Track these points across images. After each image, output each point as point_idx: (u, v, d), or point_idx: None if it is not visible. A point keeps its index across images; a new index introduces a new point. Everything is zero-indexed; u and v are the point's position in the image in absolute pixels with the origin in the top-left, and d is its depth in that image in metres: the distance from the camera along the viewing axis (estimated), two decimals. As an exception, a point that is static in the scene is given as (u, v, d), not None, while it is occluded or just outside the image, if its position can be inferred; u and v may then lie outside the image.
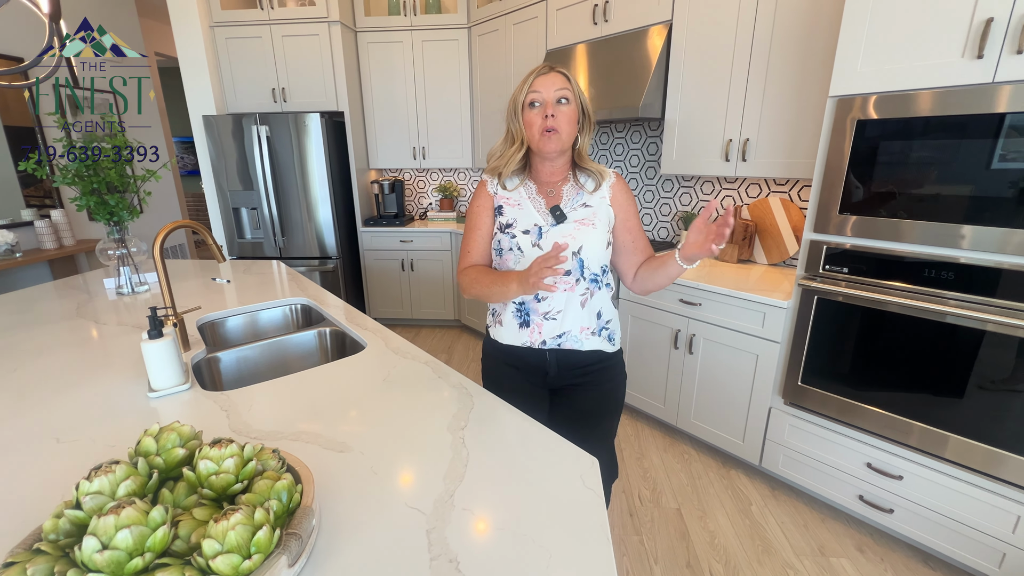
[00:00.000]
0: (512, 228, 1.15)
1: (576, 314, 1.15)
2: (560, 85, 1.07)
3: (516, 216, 1.15)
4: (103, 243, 1.85)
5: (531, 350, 1.18)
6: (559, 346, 1.16)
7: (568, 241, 1.10)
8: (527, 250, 1.13)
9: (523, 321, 1.17)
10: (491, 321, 1.26)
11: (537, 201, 1.16)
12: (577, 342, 1.16)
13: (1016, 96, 1.25)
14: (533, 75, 1.08)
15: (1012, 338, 1.35)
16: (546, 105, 1.06)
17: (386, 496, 0.74)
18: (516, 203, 1.16)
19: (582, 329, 1.16)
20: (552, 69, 1.08)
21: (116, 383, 1.14)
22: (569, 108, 1.08)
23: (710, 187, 2.55)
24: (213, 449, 0.63)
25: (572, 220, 1.13)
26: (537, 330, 1.16)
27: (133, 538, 0.50)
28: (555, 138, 1.07)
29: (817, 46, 1.79)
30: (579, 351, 1.17)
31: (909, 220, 1.48)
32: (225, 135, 3.26)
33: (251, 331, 1.73)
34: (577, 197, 1.15)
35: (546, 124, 1.06)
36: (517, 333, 1.18)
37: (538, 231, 1.13)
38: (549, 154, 1.11)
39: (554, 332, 1.15)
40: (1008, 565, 1.44)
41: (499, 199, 1.18)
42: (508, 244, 1.14)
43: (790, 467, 1.91)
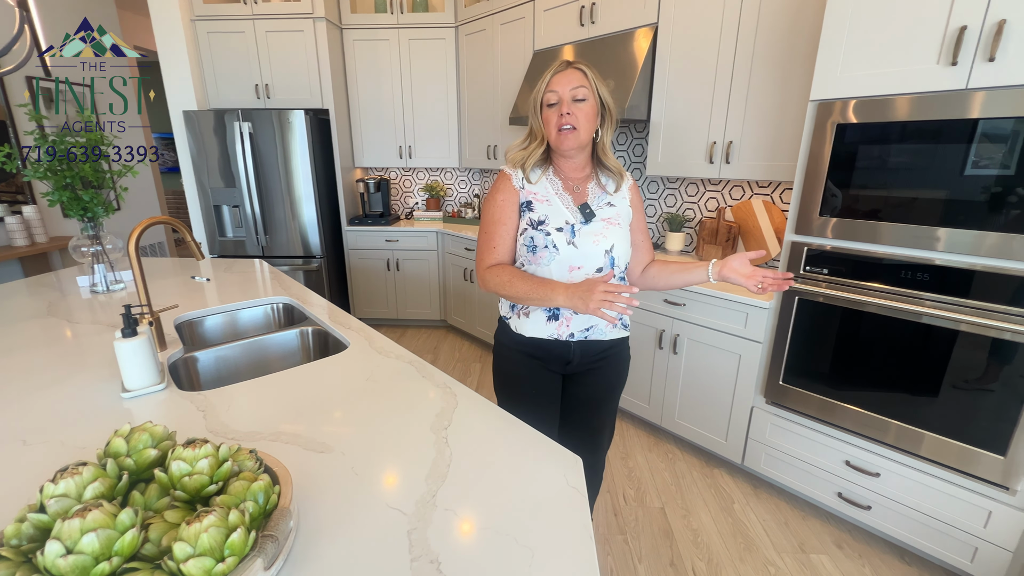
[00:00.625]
0: (545, 225, 1.14)
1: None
2: (577, 83, 1.08)
3: (547, 213, 1.15)
4: (76, 240, 1.80)
5: (557, 342, 1.19)
6: (586, 338, 1.19)
7: (599, 239, 1.13)
8: (563, 248, 1.13)
9: (552, 314, 1.18)
10: (510, 313, 1.24)
11: (564, 198, 1.17)
12: (602, 333, 1.20)
13: (988, 102, 1.29)
14: (551, 72, 1.10)
15: (984, 338, 1.39)
16: (562, 103, 1.08)
17: (367, 497, 0.73)
18: (544, 199, 1.16)
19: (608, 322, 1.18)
20: (570, 65, 1.09)
21: (88, 383, 1.10)
22: (586, 105, 1.09)
23: (695, 189, 2.58)
24: (187, 450, 0.61)
25: (600, 218, 1.15)
26: (566, 324, 1.18)
27: (100, 542, 0.48)
28: (572, 136, 1.09)
29: (798, 51, 1.82)
30: (603, 341, 1.21)
31: (887, 223, 1.51)
32: (207, 131, 3.20)
33: (231, 330, 1.69)
34: (602, 196, 1.18)
35: (561, 122, 1.08)
36: (544, 325, 1.18)
37: (571, 229, 1.14)
38: (567, 151, 1.13)
39: (583, 325, 1.18)
40: (980, 559, 1.48)
41: (526, 194, 1.16)
42: (543, 241, 1.13)
43: (772, 465, 1.94)
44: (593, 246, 1.13)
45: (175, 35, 3.14)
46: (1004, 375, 1.37)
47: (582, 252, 1.13)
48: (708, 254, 2.39)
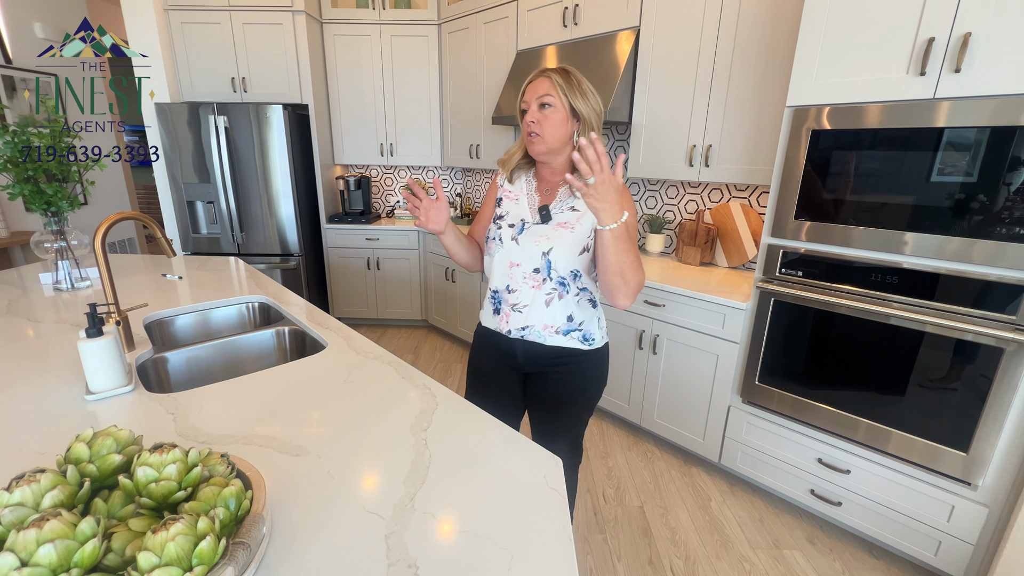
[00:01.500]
0: (502, 220, 1.22)
1: (540, 311, 1.17)
2: (543, 91, 1.10)
3: (510, 209, 1.22)
4: (39, 235, 1.73)
5: (502, 336, 1.23)
6: (523, 337, 1.20)
7: (541, 240, 1.14)
8: (506, 242, 1.18)
9: (496, 308, 1.23)
10: (481, 303, 1.33)
11: (533, 198, 1.22)
12: (540, 336, 1.19)
13: (954, 112, 1.34)
14: (525, 83, 1.15)
15: (947, 339, 1.44)
16: (529, 111, 1.12)
17: (343, 501, 0.72)
18: (515, 197, 1.23)
19: (546, 327, 1.18)
20: (543, 74, 1.12)
21: (50, 385, 1.05)
22: (552, 112, 1.10)
23: (675, 191, 2.61)
24: (154, 455, 0.59)
25: (556, 222, 1.15)
26: (505, 319, 1.21)
27: (57, 553, 0.46)
28: (538, 141, 1.12)
29: (776, 58, 1.86)
30: (543, 344, 1.20)
31: (858, 227, 1.56)
32: (180, 125, 3.10)
33: (203, 330, 1.64)
34: (567, 200, 1.17)
35: (528, 129, 1.12)
36: (492, 318, 1.25)
37: (521, 226, 1.18)
38: (536, 156, 1.16)
39: (519, 324, 1.20)
40: (943, 552, 1.53)
41: (502, 192, 1.26)
42: (493, 234, 1.21)
43: (747, 464, 1.97)
44: (533, 246, 1.14)
45: (147, 25, 3.04)
46: (966, 375, 1.43)
47: (522, 250, 1.15)
48: (687, 256, 2.42)
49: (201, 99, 3.22)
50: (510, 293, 1.19)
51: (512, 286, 1.18)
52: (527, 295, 1.16)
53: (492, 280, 1.23)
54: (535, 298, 1.16)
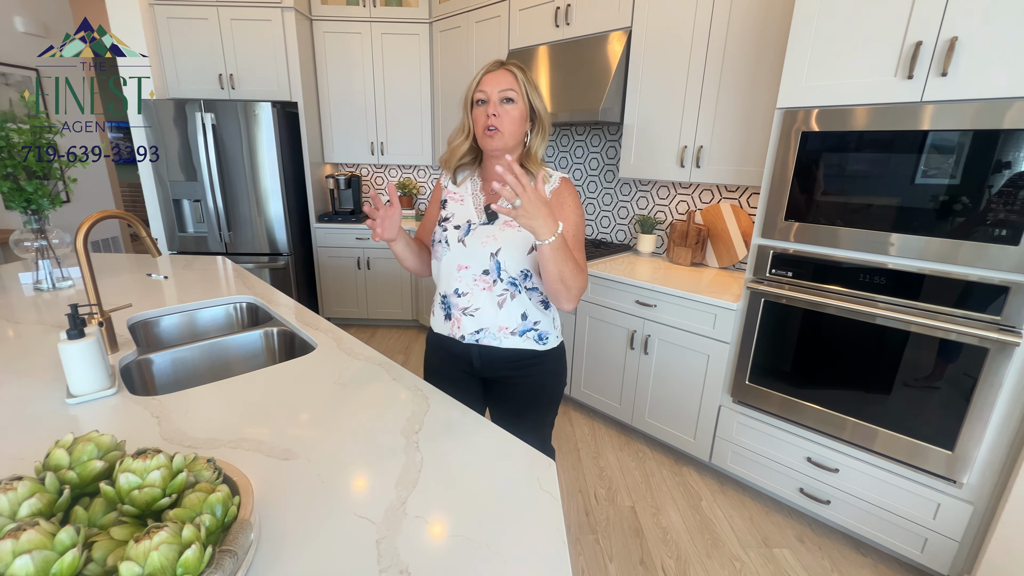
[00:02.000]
0: (447, 222, 1.18)
1: (493, 313, 1.14)
2: (506, 85, 1.06)
3: (455, 211, 1.18)
4: (19, 234, 1.68)
5: (456, 341, 1.19)
6: (477, 341, 1.17)
7: (488, 241, 1.11)
8: (453, 245, 1.15)
9: (447, 314, 1.20)
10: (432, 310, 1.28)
11: (478, 198, 1.18)
12: (495, 339, 1.16)
13: (939, 115, 1.36)
14: (483, 71, 1.08)
15: (931, 338, 1.46)
16: (490, 103, 1.06)
17: (334, 505, 0.70)
18: (460, 198, 1.19)
19: (500, 328, 1.16)
20: (502, 66, 1.07)
21: (30, 388, 1.03)
22: (514, 108, 1.07)
23: (666, 192, 2.62)
24: (137, 461, 0.57)
25: (501, 221, 1.12)
26: (457, 324, 1.18)
27: (35, 564, 0.44)
28: (497, 136, 1.07)
29: (767, 60, 1.87)
30: (499, 348, 1.17)
31: (845, 228, 1.57)
32: (166, 121, 3.05)
33: (190, 331, 1.61)
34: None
35: (488, 123, 1.07)
36: (443, 324, 1.21)
37: (467, 228, 1.15)
38: (492, 151, 1.11)
39: (472, 328, 1.17)
40: (929, 549, 1.55)
41: (446, 193, 1.21)
42: (439, 236, 1.17)
43: (738, 463, 1.99)
44: (480, 247, 1.11)
45: (132, 20, 2.98)
46: (950, 374, 1.45)
47: (470, 252, 1.12)
48: (678, 256, 2.44)
49: (187, 96, 3.16)
50: (460, 297, 1.15)
51: (461, 289, 1.14)
52: (478, 298, 1.14)
53: (440, 284, 1.20)
54: (486, 300, 1.13)
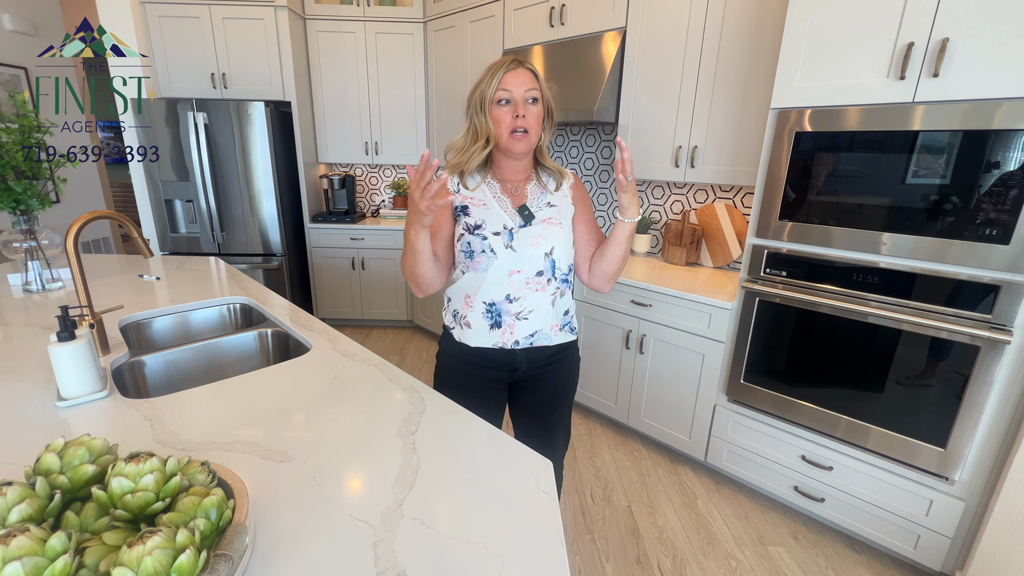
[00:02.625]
0: (482, 230, 1.10)
1: (547, 313, 1.15)
2: (530, 84, 1.05)
3: (484, 217, 1.11)
4: (7, 235, 1.66)
5: (500, 350, 1.16)
6: (531, 345, 1.16)
7: (539, 242, 1.11)
8: (500, 251, 1.09)
9: (494, 322, 1.14)
10: (453, 323, 1.20)
11: (503, 200, 1.13)
12: (547, 339, 1.17)
13: (931, 116, 1.37)
14: (503, 69, 1.04)
15: (923, 337, 1.47)
16: (516, 104, 1.04)
17: (329, 508, 0.70)
18: (481, 203, 1.13)
19: (552, 327, 1.17)
20: (521, 65, 1.06)
21: (19, 391, 1.01)
22: (538, 108, 1.07)
23: (661, 191, 2.63)
24: (129, 465, 0.57)
25: (539, 220, 1.12)
26: (509, 331, 1.14)
27: (25, 571, 0.44)
28: (525, 139, 1.06)
29: (761, 60, 1.88)
30: (548, 346, 1.18)
31: (838, 227, 1.59)
32: (158, 121, 3.02)
33: (182, 333, 1.60)
34: (542, 196, 1.15)
35: (516, 124, 1.04)
36: (488, 335, 1.14)
37: (509, 233, 1.11)
38: (517, 154, 1.09)
39: (526, 332, 1.15)
40: (922, 546, 1.57)
41: (462, 199, 1.13)
42: (480, 246, 1.10)
43: (733, 461, 2.00)
44: (532, 249, 1.10)
45: (122, 18, 2.94)
46: (942, 372, 1.46)
47: (521, 256, 1.10)
48: (673, 256, 2.44)
49: (179, 95, 3.13)
50: (512, 303, 1.12)
51: (513, 294, 1.11)
52: (532, 300, 1.13)
53: (483, 294, 1.12)
54: (540, 301, 1.14)
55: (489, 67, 1.07)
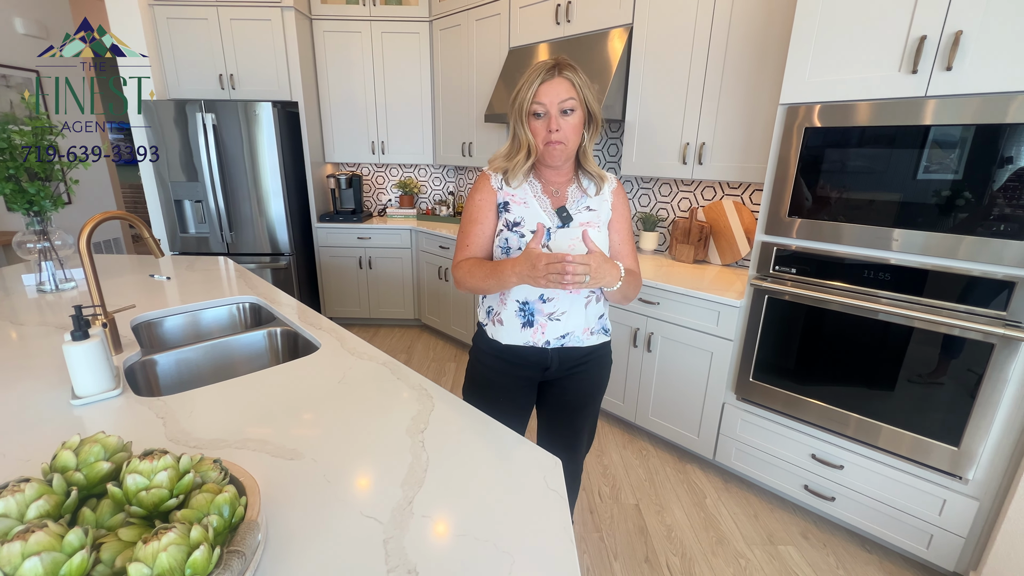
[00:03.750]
0: (520, 227, 1.12)
1: (579, 316, 1.15)
2: (565, 95, 1.03)
3: (523, 215, 1.12)
4: (21, 235, 1.68)
5: (532, 348, 1.17)
6: (562, 345, 1.17)
7: (576, 244, 1.11)
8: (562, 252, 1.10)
9: (527, 321, 1.15)
10: (486, 319, 1.22)
11: (543, 200, 1.14)
12: (579, 341, 1.17)
13: (944, 110, 1.35)
14: (538, 79, 1.02)
15: (935, 334, 1.45)
16: (550, 118, 1.03)
17: (340, 505, 0.70)
18: (522, 200, 1.14)
19: (584, 330, 1.17)
20: (559, 73, 1.03)
21: (35, 390, 1.03)
22: (574, 117, 1.05)
23: (668, 189, 2.62)
24: (144, 462, 0.57)
25: (578, 223, 1.13)
26: (541, 330, 1.15)
27: (44, 566, 0.44)
28: (560, 149, 1.06)
29: (769, 55, 1.87)
30: (580, 347, 1.18)
31: (848, 223, 1.57)
32: (167, 122, 3.05)
33: (193, 332, 1.61)
34: (581, 200, 1.15)
35: (550, 137, 1.04)
36: (519, 332, 1.16)
37: (547, 232, 1.11)
38: (553, 164, 1.10)
39: (558, 332, 1.15)
40: (935, 545, 1.55)
41: (504, 195, 1.14)
42: (517, 243, 1.12)
43: (742, 460, 1.98)
44: (568, 250, 1.10)
45: (131, 20, 2.98)
46: (955, 370, 1.44)
47: None
48: (681, 253, 2.43)
49: (188, 96, 3.16)
50: (545, 303, 1.13)
51: (547, 295, 1.12)
52: (566, 301, 1.13)
53: (517, 292, 1.13)
54: (574, 303, 1.14)
55: (527, 73, 1.05)
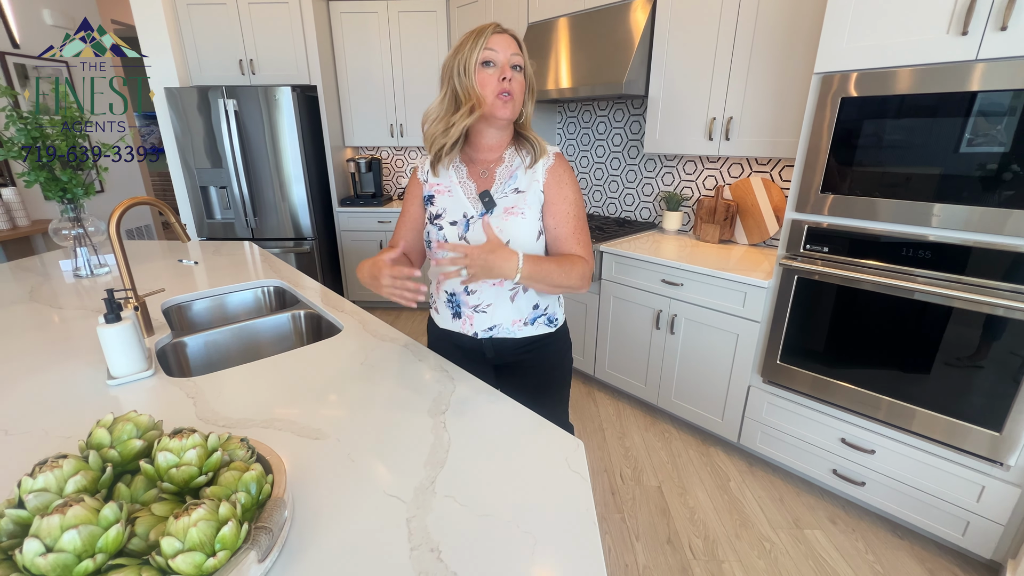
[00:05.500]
0: (440, 219, 1.08)
1: (506, 308, 1.11)
2: (514, 50, 1.00)
3: (446, 205, 1.09)
4: (57, 222, 1.74)
5: (466, 336, 1.15)
6: (491, 336, 1.14)
7: (501, 230, 1.04)
8: (453, 242, 1.06)
9: (455, 312, 1.14)
10: (431, 303, 1.24)
11: (468, 186, 1.08)
12: (509, 332, 1.13)
13: (995, 74, 1.25)
14: (488, 32, 0.98)
15: (976, 314, 1.38)
16: (503, 67, 0.98)
17: (364, 484, 0.71)
18: (446, 189, 1.09)
19: (514, 322, 1.13)
20: (504, 31, 1.00)
21: (74, 371, 1.07)
22: (521, 76, 1.02)
23: (693, 167, 2.53)
24: (174, 440, 0.59)
25: (501, 208, 1.05)
26: (468, 321, 1.13)
27: (81, 539, 0.46)
28: (510, 104, 1.00)
29: (803, 23, 1.76)
30: (513, 338, 1.15)
31: (884, 199, 1.49)
32: (190, 109, 3.09)
33: (220, 315, 1.65)
34: (509, 181, 1.07)
35: (502, 87, 0.98)
36: (451, 322, 1.16)
37: (466, 223, 1.06)
38: (500, 121, 1.02)
39: (485, 324, 1.12)
40: (971, 533, 1.50)
41: (429, 188, 1.11)
42: (435, 236, 1.09)
43: (767, 443, 1.95)
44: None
45: (154, 8, 3.01)
46: (995, 351, 1.37)
47: None
48: (706, 233, 2.36)
49: (210, 83, 3.19)
50: (469, 295, 1.10)
51: (471, 287, 1.09)
52: (489, 294, 1.10)
53: (445, 283, 1.13)
54: (499, 295, 1.10)
55: (470, 32, 1.00)
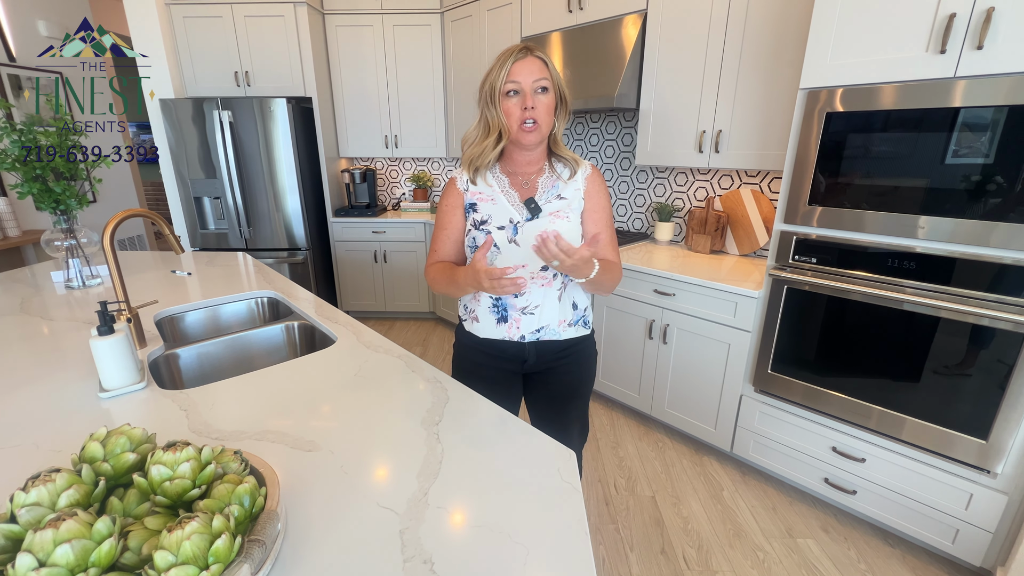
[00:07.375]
0: (487, 224, 1.11)
1: (553, 308, 1.14)
2: (539, 74, 1.02)
3: (491, 212, 1.12)
4: (49, 234, 1.74)
5: (510, 343, 1.17)
6: (538, 339, 1.16)
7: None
8: (503, 247, 1.10)
9: (500, 316, 1.16)
10: (464, 315, 1.24)
11: (511, 194, 1.13)
12: (555, 334, 1.17)
13: (974, 91, 1.29)
14: (511, 59, 1.01)
15: (963, 324, 1.41)
16: (525, 96, 1.02)
17: (357, 496, 0.72)
18: (489, 198, 1.13)
19: (560, 322, 1.16)
20: (530, 53, 1.03)
21: (64, 383, 1.06)
22: (548, 97, 1.04)
23: (684, 178, 2.57)
24: (167, 453, 0.59)
25: (547, 213, 1.11)
26: (515, 325, 1.15)
27: (75, 553, 0.46)
28: (535, 131, 1.04)
29: (788, 40, 1.81)
30: (558, 340, 1.18)
31: (872, 211, 1.52)
32: (185, 120, 3.10)
33: (214, 326, 1.65)
34: (552, 189, 1.13)
35: (525, 116, 1.02)
36: (495, 328, 1.17)
37: (513, 227, 1.10)
38: (528, 146, 1.08)
39: (533, 327, 1.15)
40: (961, 540, 1.51)
41: (471, 196, 1.14)
42: (482, 241, 1.11)
43: (760, 452, 1.96)
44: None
45: (149, 20, 3.02)
46: (983, 361, 1.40)
47: (525, 250, 1.09)
48: (697, 244, 2.39)
49: (205, 94, 3.21)
50: (517, 298, 1.13)
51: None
52: (538, 295, 1.13)
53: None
54: (547, 296, 1.13)
55: (499, 56, 1.04)
